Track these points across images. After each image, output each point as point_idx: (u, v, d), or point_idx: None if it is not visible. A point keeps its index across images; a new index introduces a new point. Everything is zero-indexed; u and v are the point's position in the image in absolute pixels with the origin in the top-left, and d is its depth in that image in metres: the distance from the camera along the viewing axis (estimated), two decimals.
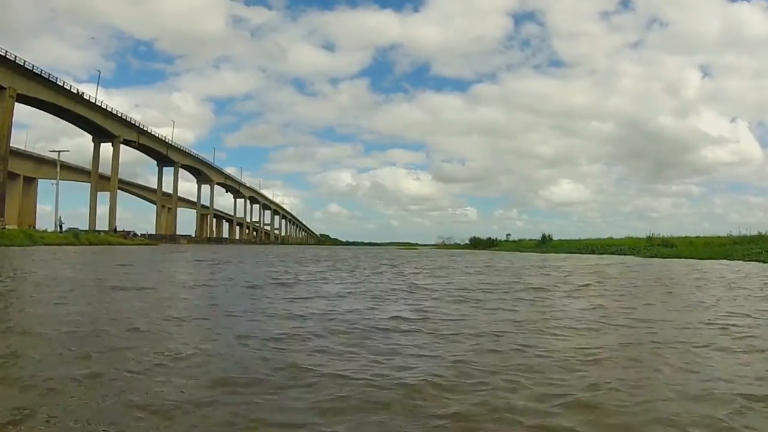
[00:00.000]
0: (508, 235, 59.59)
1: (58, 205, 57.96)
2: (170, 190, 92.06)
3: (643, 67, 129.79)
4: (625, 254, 29.89)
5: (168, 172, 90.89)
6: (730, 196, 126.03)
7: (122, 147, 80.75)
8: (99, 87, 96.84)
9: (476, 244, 56.65)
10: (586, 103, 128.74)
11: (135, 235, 59.79)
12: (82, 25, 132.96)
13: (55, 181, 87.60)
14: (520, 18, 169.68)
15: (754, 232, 29.84)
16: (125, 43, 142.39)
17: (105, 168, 76.05)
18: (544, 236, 44.20)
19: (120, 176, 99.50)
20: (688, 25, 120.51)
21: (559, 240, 43.89)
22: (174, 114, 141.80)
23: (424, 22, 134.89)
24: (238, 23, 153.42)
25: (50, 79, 57.32)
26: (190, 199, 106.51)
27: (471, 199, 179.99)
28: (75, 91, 61.34)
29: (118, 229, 62.05)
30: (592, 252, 33.04)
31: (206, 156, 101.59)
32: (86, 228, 66.19)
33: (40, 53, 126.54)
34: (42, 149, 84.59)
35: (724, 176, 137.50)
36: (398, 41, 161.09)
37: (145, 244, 48.16)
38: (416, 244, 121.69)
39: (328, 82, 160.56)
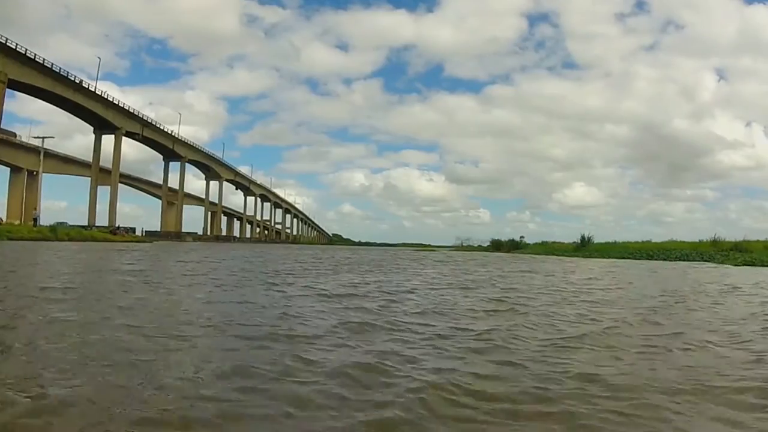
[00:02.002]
0: (522, 237, 55.42)
1: (41, 197, 54.57)
2: (179, 187, 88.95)
3: (658, 70, 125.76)
4: (692, 260, 25.17)
5: (177, 168, 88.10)
6: (744, 201, 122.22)
7: (133, 143, 78.42)
8: (114, 85, 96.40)
9: (498, 246, 51.79)
10: (600, 106, 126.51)
11: (127, 231, 56.22)
12: (97, 23, 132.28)
13: (58, 172, 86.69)
14: (535, 19, 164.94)
15: None
16: (139, 41, 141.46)
17: (110, 161, 73.04)
18: (583, 238, 38.94)
19: (129, 172, 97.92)
20: (704, 27, 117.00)
21: (602, 243, 38.70)
22: (187, 112, 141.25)
23: (438, 22, 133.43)
24: (252, 22, 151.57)
25: (45, 64, 54.11)
26: (200, 196, 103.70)
27: (484, 201, 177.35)
28: (73, 79, 58.04)
29: (117, 226, 58.71)
30: (650, 257, 28.19)
31: (216, 152, 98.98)
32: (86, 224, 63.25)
33: (55, 50, 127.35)
34: (54, 145, 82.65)
35: (738, 181, 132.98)
36: (412, 42, 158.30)
37: (137, 241, 44.41)
38: (429, 245, 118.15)
39: (341, 82, 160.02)
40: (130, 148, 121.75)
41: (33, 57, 52.30)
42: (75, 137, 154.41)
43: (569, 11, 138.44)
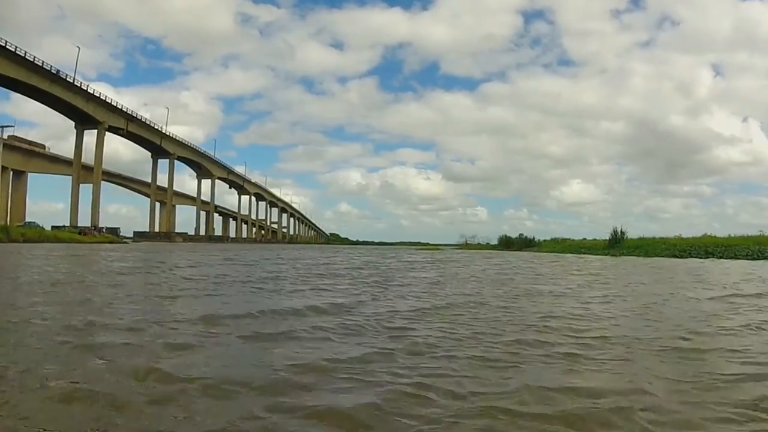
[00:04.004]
0: (521, 234, 52.73)
1: None
2: (176, 186, 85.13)
3: (654, 66, 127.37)
4: (759, 258, 21.69)
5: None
6: (741, 197, 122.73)
7: (128, 142, 74.90)
8: (109, 85, 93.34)
9: (507, 243, 48.02)
10: (596, 103, 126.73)
11: (100, 231, 52.45)
12: (90, 23, 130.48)
13: (45, 172, 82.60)
14: (530, 16, 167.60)
15: None
16: (133, 42, 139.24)
17: (107, 163, 69.03)
18: (615, 233, 34.38)
19: (121, 171, 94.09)
20: (700, 23, 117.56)
21: (637, 239, 34.32)
22: (182, 112, 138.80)
23: (432, 20, 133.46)
24: (246, 21, 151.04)
25: (18, 53, 50.43)
26: (194, 195, 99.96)
27: (481, 199, 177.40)
28: (48, 68, 54.35)
29: (93, 225, 55.07)
30: (709, 255, 24.53)
31: (209, 151, 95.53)
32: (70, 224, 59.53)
33: (49, 51, 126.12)
34: (51, 148, 79.69)
35: (735, 176, 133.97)
36: (407, 40, 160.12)
37: (109, 242, 40.65)
38: (428, 244, 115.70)
39: (336, 81, 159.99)
40: (126, 148, 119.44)
41: (4, 44, 48.67)
42: (69, 138, 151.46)
43: (564, 8, 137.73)
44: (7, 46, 48.97)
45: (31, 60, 51.95)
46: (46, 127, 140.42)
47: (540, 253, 35.77)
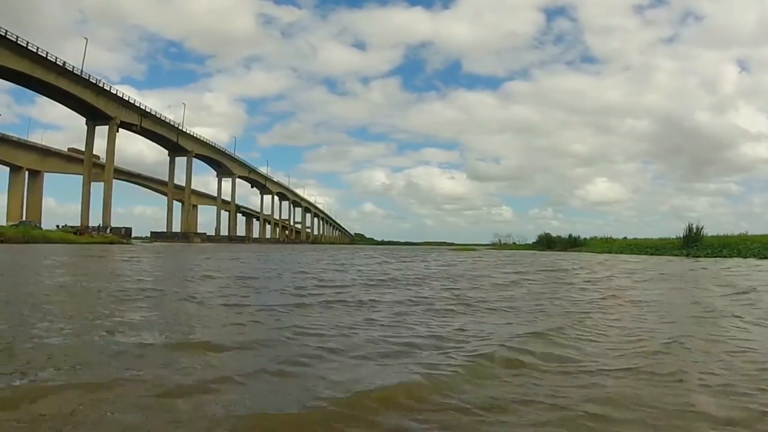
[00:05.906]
0: (547, 233, 47.69)
1: None
2: (197, 186, 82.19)
3: (678, 63, 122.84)
4: None
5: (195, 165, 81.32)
6: None
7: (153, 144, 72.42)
8: (133, 89, 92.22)
9: (549, 243, 42.49)
10: (620, 100, 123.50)
11: (98, 230, 49.13)
12: (112, 27, 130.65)
13: (60, 171, 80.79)
14: (552, 13, 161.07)
15: None
16: (155, 45, 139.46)
17: (132, 164, 66.40)
18: (690, 230, 28.35)
19: (141, 171, 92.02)
20: (724, 18, 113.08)
21: (718, 236, 28.36)
22: (206, 114, 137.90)
23: (454, 19, 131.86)
24: (268, 22, 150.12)
25: (20, 43, 47.44)
26: (215, 195, 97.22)
27: (506, 198, 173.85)
28: (54, 60, 51.31)
29: (104, 225, 51.94)
30: None
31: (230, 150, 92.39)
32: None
33: (71, 55, 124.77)
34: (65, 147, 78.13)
35: (763, 174, 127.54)
36: (429, 39, 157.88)
37: (110, 242, 37.04)
38: (453, 243, 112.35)
39: (359, 81, 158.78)
40: (150, 149, 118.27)
41: (4, 34, 45.71)
42: (95, 142, 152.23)
43: (587, 4, 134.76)
44: (8, 36, 46.00)
45: (34, 51, 48.96)
46: (71, 130, 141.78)
47: (601, 255, 30.12)
